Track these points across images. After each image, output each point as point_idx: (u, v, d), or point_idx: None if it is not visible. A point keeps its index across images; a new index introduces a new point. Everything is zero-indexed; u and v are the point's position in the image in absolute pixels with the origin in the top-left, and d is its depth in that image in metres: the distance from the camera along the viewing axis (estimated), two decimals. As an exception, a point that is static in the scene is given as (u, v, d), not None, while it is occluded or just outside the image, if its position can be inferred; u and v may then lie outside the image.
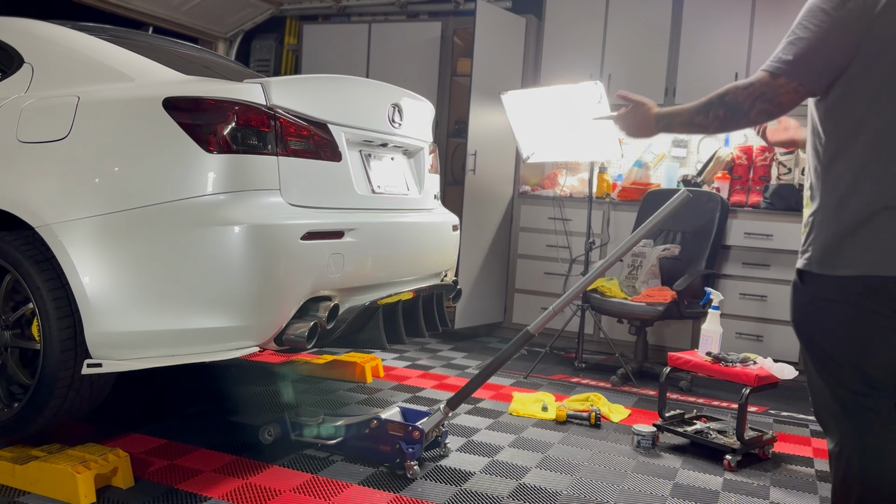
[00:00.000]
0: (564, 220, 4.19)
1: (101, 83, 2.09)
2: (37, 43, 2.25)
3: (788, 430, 2.87)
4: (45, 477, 1.88)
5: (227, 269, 1.90)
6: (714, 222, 3.64)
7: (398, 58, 4.53)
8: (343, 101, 2.27)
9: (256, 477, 2.09)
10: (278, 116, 2.02)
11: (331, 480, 2.10)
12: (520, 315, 4.33)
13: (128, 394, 2.74)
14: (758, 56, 3.85)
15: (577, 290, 2.21)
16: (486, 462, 2.33)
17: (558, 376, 3.55)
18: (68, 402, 2.06)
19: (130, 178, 1.95)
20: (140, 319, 1.92)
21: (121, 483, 1.97)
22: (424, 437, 2.19)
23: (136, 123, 1.99)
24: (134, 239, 1.93)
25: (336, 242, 2.10)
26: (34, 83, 2.17)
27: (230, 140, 1.94)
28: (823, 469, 2.45)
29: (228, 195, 1.93)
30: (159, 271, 1.92)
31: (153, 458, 2.18)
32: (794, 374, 2.52)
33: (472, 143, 4.13)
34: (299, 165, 2.07)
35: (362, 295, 2.25)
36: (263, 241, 1.93)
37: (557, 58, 4.32)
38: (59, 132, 2.03)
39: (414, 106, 2.58)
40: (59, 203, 1.99)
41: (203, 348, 1.95)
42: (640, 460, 2.42)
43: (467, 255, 4.12)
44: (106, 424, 2.41)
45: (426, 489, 2.09)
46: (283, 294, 1.98)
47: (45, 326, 1.99)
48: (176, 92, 1.98)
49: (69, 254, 1.94)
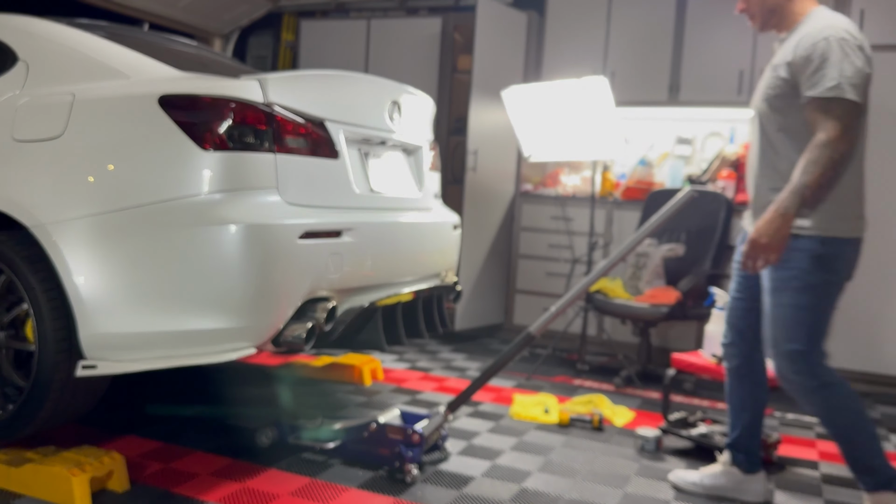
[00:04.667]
0: (566, 219, 4.15)
1: (97, 80, 2.07)
2: (32, 40, 2.23)
3: (794, 433, 2.84)
4: (40, 480, 1.86)
5: (224, 269, 1.88)
6: (719, 222, 3.61)
7: (398, 54, 4.49)
8: (341, 97, 2.25)
9: (253, 480, 2.07)
10: (276, 114, 2.00)
11: (329, 484, 2.07)
12: (521, 316, 4.30)
13: (123, 396, 2.71)
14: (762, 53, 3.82)
15: (579, 290, 2.18)
16: (487, 466, 2.30)
17: (560, 378, 3.51)
18: (63, 404, 2.04)
19: (126, 177, 1.94)
20: (135, 320, 1.90)
21: (116, 486, 1.95)
22: (424, 441, 2.16)
23: (131, 121, 1.97)
24: (129, 239, 1.91)
25: (334, 242, 2.08)
26: (29, 81, 2.15)
27: (227, 138, 1.93)
28: (829, 472, 2.42)
29: (225, 194, 1.91)
30: (155, 272, 1.91)
31: (149, 460, 2.16)
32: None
33: (472, 140, 4.10)
34: (297, 164, 2.05)
35: (361, 296, 2.23)
36: (261, 240, 1.91)
37: (560, 55, 4.28)
38: (55, 130, 2.01)
39: (413, 102, 2.55)
40: (54, 202, 1.97)
41: (199, 350, 1.94)
42: (644, 464, 2.39)
43: (468, 255, 4.09)
44: (101, 427, 2.38)
45: (426, 493, 2.06)
46: (280, 295, 1.96)
47: (40, 327, 1.97)
48: (172, 89, 1.96)
49: (63, 254, 1.93)
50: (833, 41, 1.79)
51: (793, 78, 1.86)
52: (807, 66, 1.81)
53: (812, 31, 1.84)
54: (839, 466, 2.49)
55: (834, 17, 1.88)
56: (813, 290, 1.88)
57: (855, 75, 1.78)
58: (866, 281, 3.60)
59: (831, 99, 1.77)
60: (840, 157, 1.78)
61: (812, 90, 1.80)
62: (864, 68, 1.81)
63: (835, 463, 2.52)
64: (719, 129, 4.23)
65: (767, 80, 1.96)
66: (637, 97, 4.11)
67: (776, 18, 1.96)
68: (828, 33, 1.80)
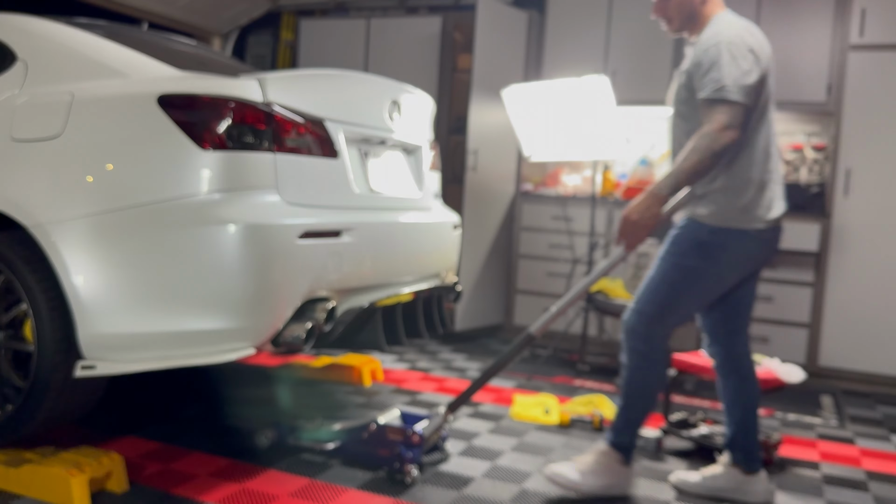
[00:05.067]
0: (567, 219, 4.15)
1: (96, 80, 2.06)
2: (31, 39, 2.22)
3: (795, 433, 2.83)
4: (39, 480, 1.86)
5: (223, 269, 1.88)
6: (719, 222, 3.60)
7: (397, 53, 4.48)
8: (341, 97, 2.24)
9: (253, 481, 2.06)
10: (275, 113, 1.99)
11: (328, 485, 2.07)
12: (522, 316, 4.29)
13: (122, 396, 2.71)
14: (763, 53, 3.81)
15: (580, 290, 2.17)
16: (487, 467, 2.29)
17: (561, 379, 3.51)
18: (62, 405, 2.03)
19: (125, 177, 1.93)
20: (134, 321, 1.90)
21: (115, 487, 1.94)
22: (424, 442, 2.16)
23: (130, 121, 1.96)
24: (128, 238, 1.91)
25: (334, 242, 2.08)
26: (28, 80, 2.14)
27: (226, 137, 1.92)
28: (830, 473, 2.41)
29: (224, 194, 1.91)
30: (154, 272, 1.90)
31: (148, 461, 2.16)
32: (801, 377, 2.48)
33: (472, 140, 4.09)
34: (296, 163, 2.04)
35: (361, 296, 2.22)
36: (261, 240, 1.91)
37: (560, 54, 4.27)
38: (54, 130, 2.01)
39: (413, 101, 2.55)
40: (53, 202, 1.96)
41: (198, 350, 1.93)
42: (644, 465, 2.38)
43: (468, 255, 4.08)
44: (100, 427, 2.38)
45: (426, 494, 2.05)
46: (280, 295, 1.95)
47: (39, 328, 1.96)
48: (171, 88, 1.95)
49: (62, 254, 1.92)
50: (723, 46, 1.88)
51: (690, 83, 1.97)
52: (698, 70, 1.92)
53: (705, 37, 1.95)
54: (841, 467, 2.48)
55: (730, 23, 1.96)
56: (682, 271, 2.01)
57: (741, 77, 1.87)
58: (867, 281, 3.61)
59: (717, 100, 1.87)
60: (721, 148, 1.86)
61: (702, 92, 1.91)
62: (751, 70, 1.89)
63: (836, 464, 2.51)
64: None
65: (675, 89, 2.06)
66: (638, 96, 4.10)
67: (691, 23, 2.04)
68: (719, 39, 1.90)
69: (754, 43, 1.93)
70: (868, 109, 3.58)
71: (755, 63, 1.90)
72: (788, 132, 4.08)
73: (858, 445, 2.74)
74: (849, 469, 2.47)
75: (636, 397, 2.08)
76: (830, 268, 3.66)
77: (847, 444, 2.74)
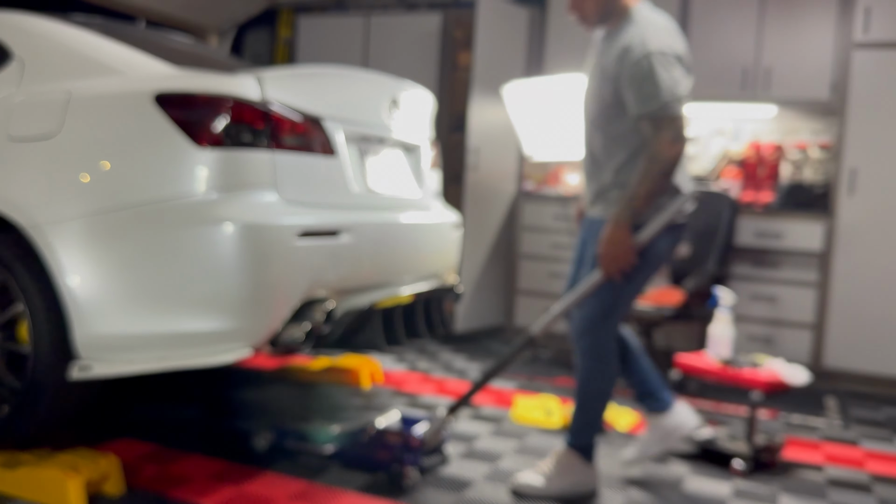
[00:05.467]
0: (569, 219, 4.12)
1: (93, 78, 2.05)
2: (27, 37, 2.21)
3: (799, 435, 2.81)
4: (35, 482, 1.84)
5: (220, 269, 1.86)
6: (723, 222, 3.58)
7: (397, 51, 4.46)
8: (340, 95, 2.22)
9: (250, 484, 2.04)
10: (273, 111, 1.97)
11: (327, 488, 2.05)
12: (523, 317, 4.26)
13: (119, 398, 2.69)
14: (767, 50, 3.79)
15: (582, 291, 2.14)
16: (488, 469, 2.27)
17: (563, 380, 3.48)
18: (58, 406, 2.02)
19: (121, 176, 1.92)
20: (131, 322, 1.89)
21: (111, 490, 1.93)
22: (423, 444, 2.13)
23: (126, 119, 1.95)
24: (125, 239, 1.90)
25: (333, 242, 2.06)
26: (25, 78, 2.13)
27: (224, 136, 1.90)
28: (834, 476, 2.39)
29: (221, 193, 1.90)
30: (151, 272, 1.89)
31: (145, 463, 2.14)
32: (806, 379, 2.45)
33: (473, 138, 4.07)
34: (295, 162, 2.02)
35: (360, 296, 2.20)
36: (258, 240, 1.89)
37: (561, 51, 4.24)
38: (51, 129, 1.99)
39: (413, 99, 2.53)
40: (50, 202, 1.95)
41: (196, 352, 1.92)
42: (646, 467, 2.36)
43: (469, 255, 4.06)
44: (97, 429, 2.36)
45: (425, 497, 2.03)
46: (278, 295, 1.93)
47: (35, 329, 1.96)
48: (168, 86, 1.94)
49: (58, 254, 1.91)
50: (654, 58, 1.88)
51: (617, 91, 1.96)
52: (632, 84, 1.91)
53: (630, 41, 1.92)
54: (844, 469, 2.46)
55: (652, 23, 1.94)
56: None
57: (676, 88, 1.89)
58: (872, 281, 3.58)
59: (660, 117, 1.89)
60: (671, 165, 1.90)
61: (641, 107, 1.91)
62: (682, 78, 1.93)
63: (840, 466, 2.49)
64: (724, 126, 4.20)
65: (594, 94, 2.06)
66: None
67: (609, 18, 2.02)
68: (648, 49, 1.88)
69: (678, 47, 1.95)
70: (873, 107, 3.55)
71: (684, 71, 1.95)
72: (792, 130, 4.05)
73: (863, 447, 2.71)
74: (853, 471, 2.45)
75: (592, 398, 2.09)
76: (835, 268, 3.63)
77: (851, 446, 2.72)
